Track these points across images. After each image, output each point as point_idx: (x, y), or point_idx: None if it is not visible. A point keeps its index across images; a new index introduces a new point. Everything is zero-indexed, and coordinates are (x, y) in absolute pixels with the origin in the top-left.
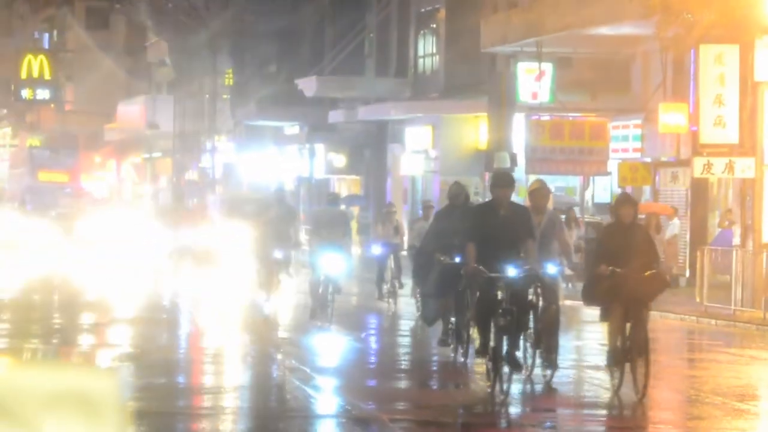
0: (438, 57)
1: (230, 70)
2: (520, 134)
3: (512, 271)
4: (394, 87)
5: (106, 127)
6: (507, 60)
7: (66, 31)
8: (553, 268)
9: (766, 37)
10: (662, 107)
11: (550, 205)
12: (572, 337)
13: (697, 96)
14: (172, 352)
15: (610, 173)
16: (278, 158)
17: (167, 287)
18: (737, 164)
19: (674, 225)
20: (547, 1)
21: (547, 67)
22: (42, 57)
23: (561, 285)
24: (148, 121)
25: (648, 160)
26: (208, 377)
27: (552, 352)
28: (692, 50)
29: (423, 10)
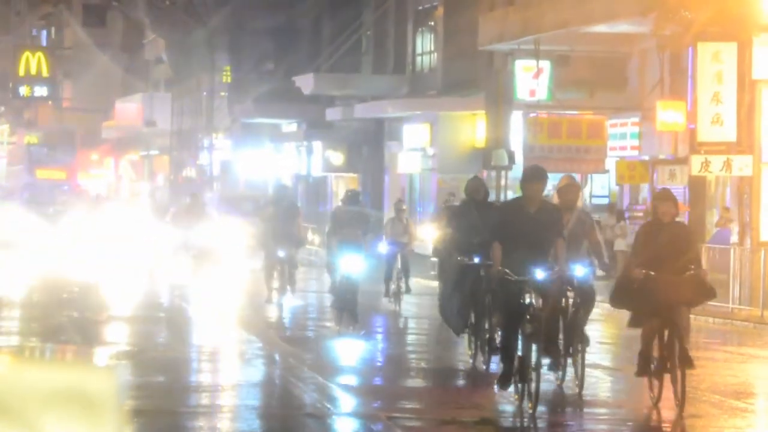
0: (436, 54)
1: (228, 68)
2: (517, 132)
3: (541, 274)
4: (391, 84)
5: (104, 124)
6: (504, 57)
7: (63, 28)
8: (582, 270)
9: (764, 35)
10: (660, 105)
11: (580, 203)
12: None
13: (694, 94)
14: (170, 350)
15: (607, 171)
16: (276, 156)
17: (167, 285)
18: (735, 162)
19: None
20: None
21: (545, 65)
22: (40, 54)
23: (594, 288)
24: (146, 119)
25: (646, 158)
26: (206, 375)
27: (577, 357)
28: (690, 48)
29: (420, 8)
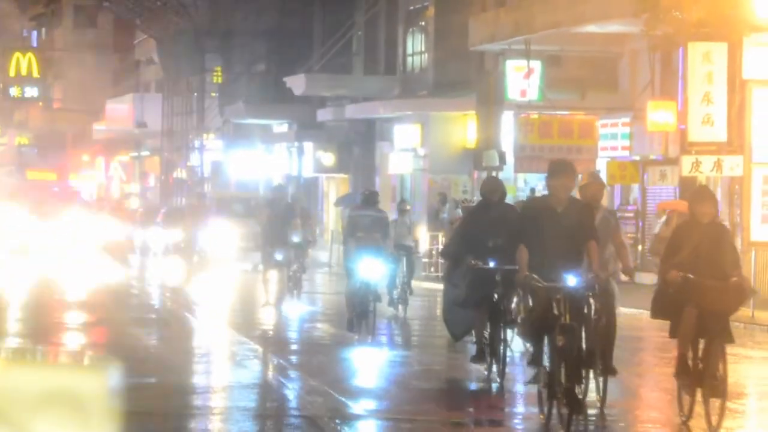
0: (427, 55)
1: (218, 68)
2: (508, 132)
3: (573, 279)
4: (382, 85)
5: (95, 125)
6: (496, 58)
7: (54, 29)
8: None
9: (754, 35)
10: (651, 105)
11: (604, 202)
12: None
13: (685, 94)
14: (162, 351)
15: (598, 171)
16: (267, 156)
17: (159, 286)
18: (725, 162)
19: (662, 223)
20: (536, 0)
21: (536, 65)
22: (30, 55)
23: (616, 292)
24: (137, 120)
25: (636, 158)
26: (198, 377)
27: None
28: (680, 48)
29: (412, 8)
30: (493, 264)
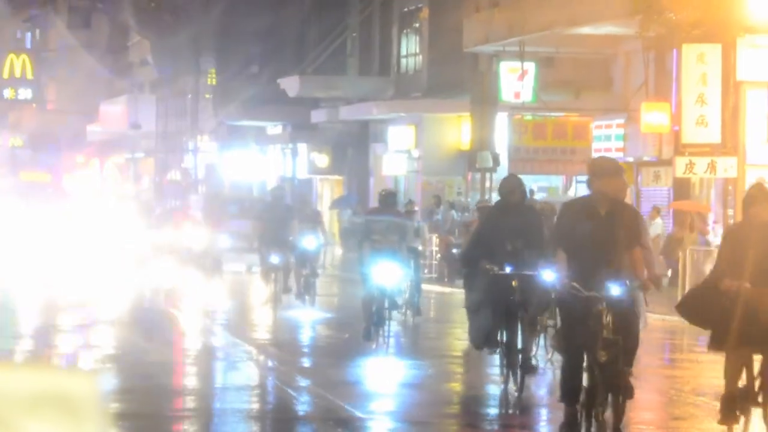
0: (421, 56)
1: (213, 70)
2: (502, 134)
3: (616, 289)
4: (376, 86)
5: (89, 126)
6: (489, 59)
7: (48, 30)
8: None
9: (748, 37)
10: (644, 107)
11: (629, 201)
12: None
13: (679, 95)
14: (154, 353)
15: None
16: (261, 158)
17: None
18: (719, 164)
19: (657, 225)
20: (530, 1)
21: (530, 67)
22: (24, 56)
23: (641, 305)
24: (131, 121)
25: (630, 159)
26: (190, 379)
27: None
28: (674, 50)
29: (405, 10)
30: (511, 269)
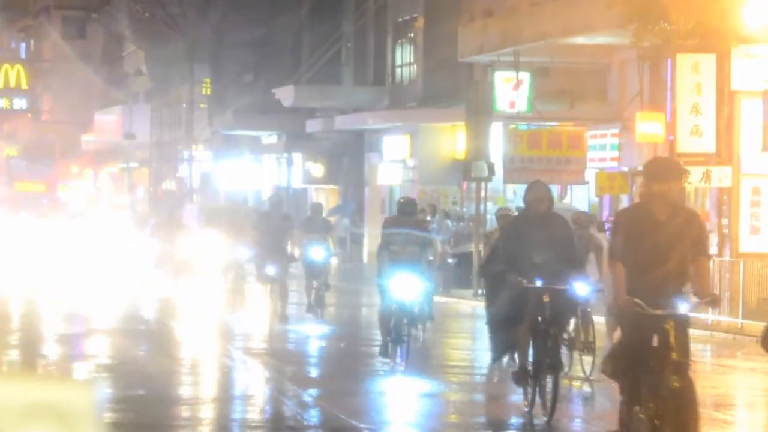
0: (415, 66)
1: (207, 80)
2: (497, 144)
3: (685, 306)
4: (371, 96)
5: (83, 136)
6: (484, 69)
7: (43, 40)
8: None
9: (743, 47)
10: (639, 116)
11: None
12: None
13: (673, 105)
14: (150, 363)
15: (587, 183)
16: (256, 167)
17: (149, 298)
18: (714, 173)
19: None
20: (524, 11)
21: (525, 77)
22: (19, 67)
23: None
24: (125, 131)
25: (625, 169)
26: (186, 388)
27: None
28: (669, 59)
29: (400, 20)
30: (541, 283)
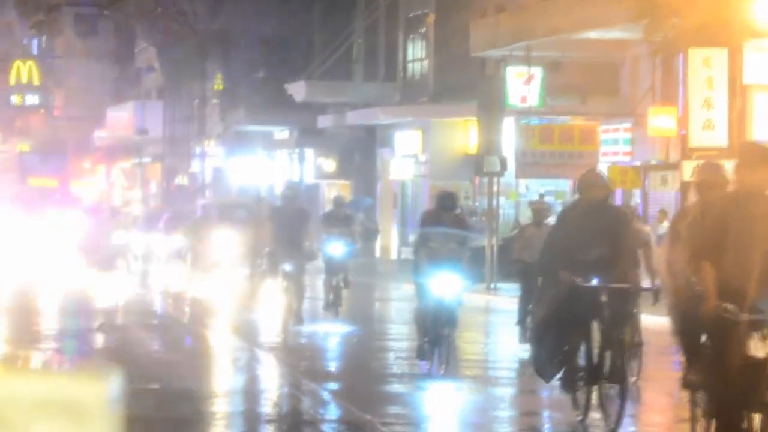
0: (427, 61)
1: (219, 75)
2: (509, 138)
3: None
4: (383, 91)
5: (96, 132)
6: (496, 64)
7: (55, 37)
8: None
9: (755, 41)
10: (651, 111)
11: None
12: None
13: (686, 99)
14: (164, 357)
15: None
16: (268, 163)
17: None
18: (726, 167)
19: (664, 228)
20: (536, 6)
21: (537, 71)
22: (31, 63)
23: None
24: (137, 127)
25: (637, 163)
26: (201, 383)
27: None
28: (681, 54)
29: (412, 15)
30: (597, 281)
